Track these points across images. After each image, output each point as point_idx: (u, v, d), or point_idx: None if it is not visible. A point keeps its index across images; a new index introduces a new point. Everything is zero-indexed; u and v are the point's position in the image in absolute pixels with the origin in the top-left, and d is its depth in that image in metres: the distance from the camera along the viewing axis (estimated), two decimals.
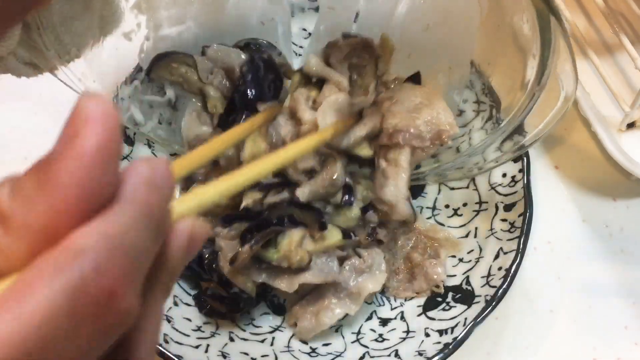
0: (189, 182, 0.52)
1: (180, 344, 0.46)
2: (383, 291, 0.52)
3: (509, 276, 0.47)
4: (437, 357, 0.45)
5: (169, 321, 0.48)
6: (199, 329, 0.49)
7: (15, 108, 0.61)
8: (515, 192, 0.51)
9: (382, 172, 0.48)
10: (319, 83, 0.50)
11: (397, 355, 0.47)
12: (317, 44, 0.51)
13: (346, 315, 0.48)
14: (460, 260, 0.52)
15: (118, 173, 0.19)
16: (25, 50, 0.39)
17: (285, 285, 0.47)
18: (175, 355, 0.44)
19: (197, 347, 0.47)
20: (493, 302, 0.46)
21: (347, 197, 0.48)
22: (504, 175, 0.52)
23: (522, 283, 0.53)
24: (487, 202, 0.53)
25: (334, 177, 0.47)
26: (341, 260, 0.49)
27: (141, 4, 0.47)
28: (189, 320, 0.49)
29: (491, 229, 0.51)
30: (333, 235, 0.48)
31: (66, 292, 0.17)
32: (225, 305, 0.49)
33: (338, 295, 0.49)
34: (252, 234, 0.47)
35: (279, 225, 0.47)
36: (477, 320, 0.46)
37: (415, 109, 0.48)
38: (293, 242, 0.47)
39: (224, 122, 0.50)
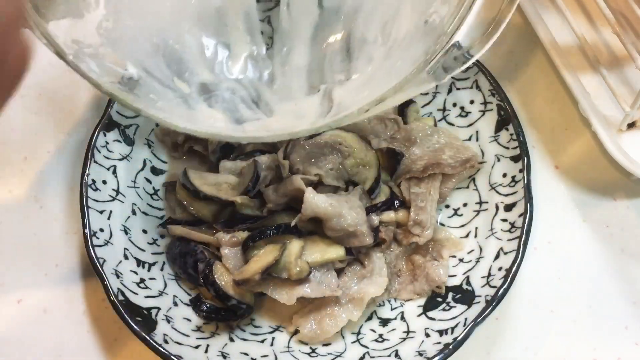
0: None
1: (180, 344, 0.46)
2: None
3: (509, 276, 0.47)
4: (437, 358, 0.45)
5: (168, 321, 0.48)
6: (198, 329, 0.49)
7: (15, 108, 0.61)
8: (515, 192, 0.51)
9: (415, 201, 0.51)
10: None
11: (397, 355, 0.47)
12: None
13: (349, 320, 0.49)
14: (461, 260, 0.52)
15: None
16: None
17: (285, 297, 0.47)
18: (175, 356, 0.44)
19: (197, 347, 0.47)
20: (493, 302, 0.46)
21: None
22: (504, 175, 0.52)
23: (522, 283, 0.52)
24: (487, 202, 0.53)
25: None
26: (341, 269, 0.50)
27: None
28: (189, 320, 0.49)
29: (491, 229, 0.51)
30: (335, 250, 0.48)
31: None
32: (223, 317, 0.49)
33: (340, 302, 0.49)
34: (255, 241, 0.48)
35: (280, 233, 0.48)
36: (478, 321, 0.46)
37: (437, 150, 0.53)
38: (293, 253, 0.47)
39: None
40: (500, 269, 0.48)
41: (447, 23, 0.41)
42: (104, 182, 0.51)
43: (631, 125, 0.56)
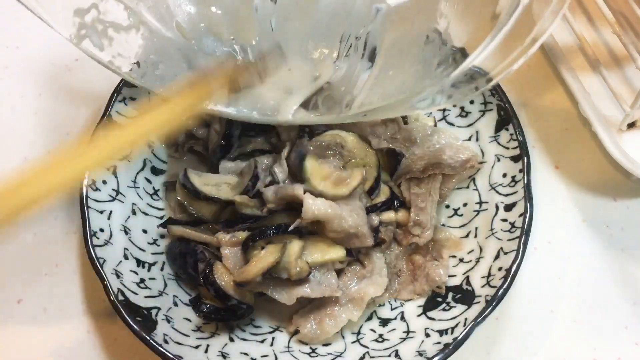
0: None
1: (180, 344, 0.46)
2: None
3: (509, 276, 0.47)
4: (437, 357, 0.45)
5: (168, 321, 0.48)
6: (198, 329, 0.49)
7: (15, 108, 0.61)
8: (515, 192, 0.51)
9: (415, 202, 0.52)
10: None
11: (397, 355, 0.47)
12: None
13: (349, 320, 0.49)
14: (461, 260, 0.52)
15: None
16: None
17: (285, 297, 0.47)
18: (175, 356, 0.44)
19: (197, 347, 0.47)
20: (493, 302, 0.46)
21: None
22: (504, 175, 0.52)
23: (522, 283, 0.53)
24: (487, 202, 0.53)
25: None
26: (341, 270, 0.50)
27: None
28: (189, 320, 0.49)
29: (491, 229, 0.51)
30: (336, 251, 0.48)
31: None
32: (223, 317, 0.49)
33: (340, 302, 0.49)
34: (255, 241, 0.47)
35: (280, 233, 0.48)
36: (478, 321, 0.46)
37: (437, 150, 0.53)
38: (293, 253, 0.47)
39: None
40: (500, 269, 0.48)
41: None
42: (104, 182, 0.51)
43: (631, 125, 0.56)
